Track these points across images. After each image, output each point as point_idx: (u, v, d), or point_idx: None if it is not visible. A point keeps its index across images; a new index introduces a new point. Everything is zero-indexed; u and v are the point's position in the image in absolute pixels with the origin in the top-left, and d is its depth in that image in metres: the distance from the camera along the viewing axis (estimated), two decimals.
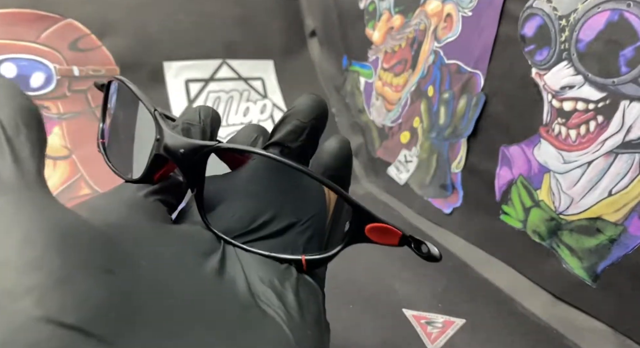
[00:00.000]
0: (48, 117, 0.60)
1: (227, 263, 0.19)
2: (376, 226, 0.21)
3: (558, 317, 0.38)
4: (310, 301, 0.19)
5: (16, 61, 0.59)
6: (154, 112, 0.21)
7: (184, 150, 0.20)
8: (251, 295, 0.18)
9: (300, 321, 0.18)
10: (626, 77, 0.32)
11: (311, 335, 0.18)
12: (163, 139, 0.20)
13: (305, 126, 0.22)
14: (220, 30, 0.74)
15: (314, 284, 0.20)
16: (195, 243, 0.19)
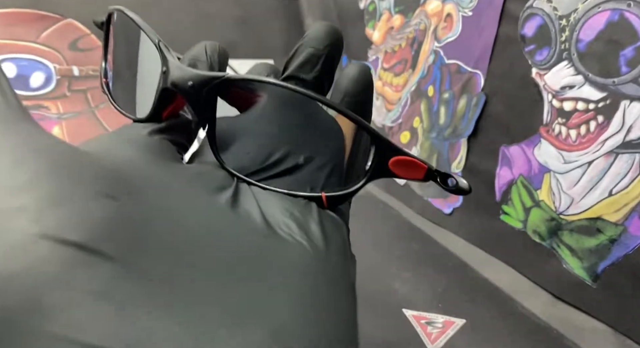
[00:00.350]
0: (48, 117, 0.60)
1: (241, 198, 0.17)
2: (400, 159, 0.19)
3: (558, 317, 0.38)
4: (335, 233, 0.18)
5: (16, 60, 0.59)
6: (158, 43, 0.20)
7: (192, 82, 0.18)
8: (269, 226, 0.16)
9: (324, 249, 0.16)
10: (626, 77, 0.32)
11: (336, 263, 0.16)
12: (169, 72, 0.19)
13: (320, 54, 0.20)
14: (220, 30, 0.74)
15: (337, 218, 0.19)
16: (206, 180, 0.17)
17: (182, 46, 0.24)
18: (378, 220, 0.55)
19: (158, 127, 0.20)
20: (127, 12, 0.22)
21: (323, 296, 0.15)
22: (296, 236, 0.16)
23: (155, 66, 0.20)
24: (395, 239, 0.51)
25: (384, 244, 0.49)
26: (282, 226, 0.17)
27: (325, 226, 0.17)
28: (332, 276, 0.16)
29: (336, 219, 0.19)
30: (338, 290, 0.16)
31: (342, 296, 0.16)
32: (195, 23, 0.72)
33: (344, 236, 0.18)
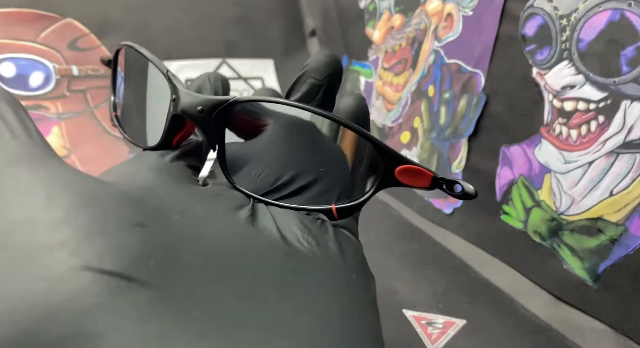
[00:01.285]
0: (47, 117, 0.60)
1: (260, 217, 0.18)
2: (406, 167, 0.20)
3: (559, 318, 0.38)
4: (351, 250, 0.18)
5: (15, 60, 0.59)
6: (166, 72, 0.21)
7: (201, 107, 0.19)
8: (288, 243, 0.17)
9: (343, 266, 0.17)
10: (627, 77, 0.32)
11: (357, 280, 0.17)
12: (179, 99, 0.20)
13: (322, 84, 0.22)
14: (220, 30, 0.74)
15: (352, 237, 0.20)
16: (224, 200, 0.18)
17: (182, 45, 0.24)
18: (378, 220, 0.55)
19: (175, 154, 0.21)
20: (136, 47, 0.23)
21: (349, 313, 0.15)
22: (316, 251, 0.17)
23: (163, 95, 0.21)
24: (396, 239, 0.51)
25: (384, 244, 0.49)
26: (303, 242, 0.17)
27: (341, 244, 0.18)
28: (355, 292, 0.16)
29: (351, 238, 0.19)
30: (362, 307, 0.16)
31: (366, 313, 0.16)
32: (195, 23, 0.72)
33: (361, 254, 0.19)
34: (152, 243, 0.14)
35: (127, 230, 0.14)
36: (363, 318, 0.16)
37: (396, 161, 0.20)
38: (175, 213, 0.16)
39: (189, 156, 0.21)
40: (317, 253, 0.17)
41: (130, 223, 0.14)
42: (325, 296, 0.15)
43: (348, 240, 0.19)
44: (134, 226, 0.14)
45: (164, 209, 0.16)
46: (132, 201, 0.15)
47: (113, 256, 0.12)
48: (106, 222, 0.13)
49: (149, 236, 0.14)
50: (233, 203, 0.18)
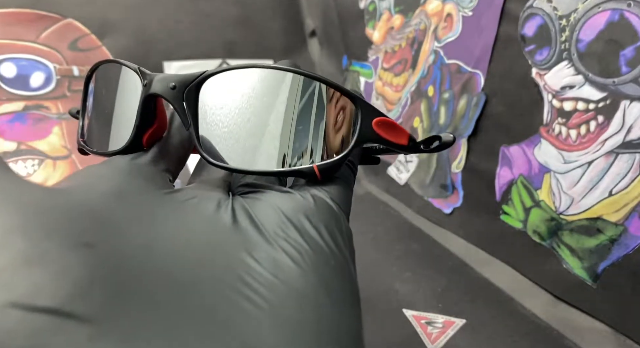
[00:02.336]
0: (48, 117, 0.60)
1: (237, 216, 0.17)
2: (383, 120, 0.20)
3: (558, 317, 0.38)
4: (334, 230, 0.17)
5: (16, 60, 0.59)
6: (138, 68, 0.21)
7: (174, 84, 0.19)
8: (266, 241, 0.16)
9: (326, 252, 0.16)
10: (627, 77, 0.32)
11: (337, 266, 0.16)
12: (151, 83, 0.20)
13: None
14: (220, 30, 0.74)
15: (334, 208, 0.18)
16: (198, 203, 0.17)
17: (182, 46, 0.24)
18: (378, 220, 0.55)
19: (147, 156, 0.20)
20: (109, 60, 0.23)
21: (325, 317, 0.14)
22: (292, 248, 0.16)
23: (135, 96, 0.21)
24: (395, 239, 0.51)
25: (384, 244, 0.49)
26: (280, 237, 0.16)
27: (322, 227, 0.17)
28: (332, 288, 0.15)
29: (334, 211, 0.18)
30: (340, 305, 0.15)
31: (344, 312, 0.15)
32: (195, 23, 0.72)
33: (341, 228, 0.18)
34: (100, 265, 0.12)
35: (72, 253, 0.12)
36: (340, 319, 0.15)
37: (373, 113, 0.20)
38: (137, 224, 0.15)
39: (164, 160, 0.20)
40: (296, 247, 0.16)
41: (77, 243, 0.12)
42: (297, 304, 0.14)
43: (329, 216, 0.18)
44: (80, 246, 0.12)
45: (125, 219, 0.15)
46: (85, 215, 0.14)
47: (50, 288, 0.11)
48: (48, 245, 0.12)
49: (97, 258, 0.12)
50: (209, 206, 0.17)
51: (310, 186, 0.19)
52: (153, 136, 0.21)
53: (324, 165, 0.19)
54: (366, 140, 0.20)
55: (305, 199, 0.18)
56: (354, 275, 0.17)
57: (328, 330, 0.14)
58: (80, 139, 0.23)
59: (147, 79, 0.20)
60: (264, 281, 0.14)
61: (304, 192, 0.18)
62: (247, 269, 0.15)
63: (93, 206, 0.14)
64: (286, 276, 0.15)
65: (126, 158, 0.20)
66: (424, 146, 0.22)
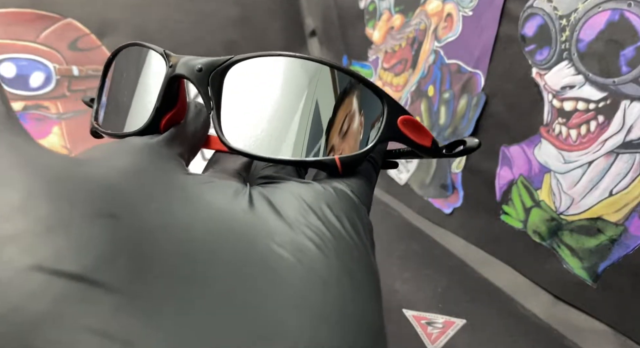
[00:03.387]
0: (47, 117, 0.60)
1: (255, 202, 0.16)
2: (408, 118, 0.20)
3: (558, 317, 0.38)
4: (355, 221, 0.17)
5: (16, 60, 0.59)
6: (164, 51, 0.20)
7: (200, 66, 0.19)
8: (290, 227, 0.15)
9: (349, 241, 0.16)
10: (627, 77, 0.32)
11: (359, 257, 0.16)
12: (177, 63, 0.19)
13: None
14: (219, 30, 0.74)
15: (355, 199, 0.18)
16: (215, 187, 0.17)
17: (182, 46, 0.24)
18: (378, 220, 0.55)
19: (164, 137, 0.20)
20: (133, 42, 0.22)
21: (347, 306, 0.14)
22: (317, 232, 0.15)
23: (157, 79, 0.20)
24: (396, 239, 0.51)
25: (384, 244, 0.49)
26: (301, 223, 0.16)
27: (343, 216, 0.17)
28: (355, 276, 0.15)
29: (355, 203, 0.18)
30: (363, 294, 0.15)
31: (366, 302, 0.15)
32: (195, 23, 0.72)
33: (362, 220, 0.17)
34: (124, 237, 0.12)
35: (95, 222, 0.12)
36: (364, 308, 0.14)
37: (399, 111, 0.20)
38: (156, 201, 0.14)
39: (179, 144, 0.20)
40: (318, 233, 0.15)
41: (100, 213, 0.12)
42: (320, 288, 0.14)
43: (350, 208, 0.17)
44: (104, 217, 0.12)
45: (144, 195, 0.14)
46: (106, 186, 0.13)
47: (74, 255, 0.11)
48: (72, 212, 0.12)
49: (120, 229, 0.12)
50: (226, 190, 0.17)
51: (331, 178, 0.19)
52: (171, 120, 0.21)
53: (346, 158, 0.19)
54: (390, 137, 0.20)
55: (326, 190, 0.17)
56: (376, 267, 0.17)
57: (352, 316, 0.14)
58: (94, 122, 0.23)
59: (172, 61, 0.20)
60: (286, 265, 0.14)
61: (324, 183, 0.18)
62: (268, 251, 0.14)
63: (113, 181, 0.14)
64: (309, 260, 0.14)
65: (143, 138, 0.19)
66: (446, 151, 0.22)
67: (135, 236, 0.12)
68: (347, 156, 0.19)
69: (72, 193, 0.12)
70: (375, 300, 0.15)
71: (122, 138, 0.21)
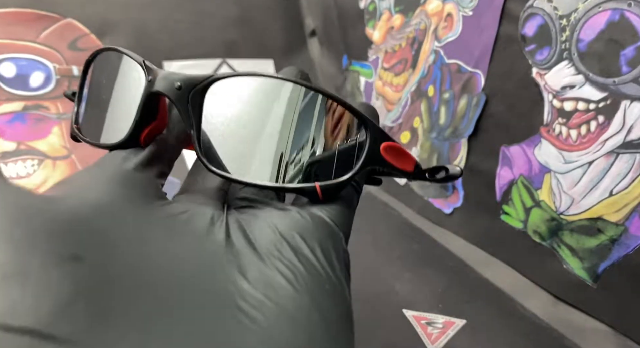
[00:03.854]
0: (47, 117, 0.60)
1: (231, 234, 0.16)
2: (391, 144, 0.20)
3: (559, 318, 0.38)
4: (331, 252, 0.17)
5: (15, 60, 0.59)
6: (143, 61, 0.20)
7: (180, 84, 0.18)
8: (260, 260, 0.15)
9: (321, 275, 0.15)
10: (627, 77, 0.32)
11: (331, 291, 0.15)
12: (156, 79, 0.19)
13: None
14: (220, 30, 0.74)
15: (333, 227, 0.18)
16: (190, 218, 0.16)
17: (182, 46, 0.23)
18: (378, 220, 0.55)
19: (141, 159, 0.19)
20: (115, 48, 0.22)
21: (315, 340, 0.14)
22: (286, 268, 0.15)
23: (137, 89, 0.20)
24: (396, 239, 0.51)
25: (384, 244, 0.49)
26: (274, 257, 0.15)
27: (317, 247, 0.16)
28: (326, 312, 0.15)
29: (333, 232, 0.18)
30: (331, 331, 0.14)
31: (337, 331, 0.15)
32: (194, 23, 0.72)
33: (338, 249, 0.17)
34: (87, 281, 0.12)
35: (57, 267, 0.11)
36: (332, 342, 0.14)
37: (382, 137, 0.19)
38: (125, 240, 0.14)
39: (158, 163, 0.20)
40: (290, 267, 0.15)
41: (62, 256, 0.12)
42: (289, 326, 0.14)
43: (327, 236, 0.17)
44: (67, 260, 0.12)
45: (114, 233, 0.14)
46: (74, 226, 0.13)
47: (29, 307, 0.10)
48: (32, 258, 0.11)
49: (84, 272, 0.12)
50: (202, 222, 0.16)
51: (311, 204, 0.19)
52: (151, 133, 0.20)
53: (326, 185, 0.19)
54: (372, 164, 0.20)
55: (303, 218, 0.17)
56: (349, 300, 0.16)
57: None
58: (74, 125, 0.22)
59: (152, 74, 0.19)
60: (254, 302, 0.14)
61: (303, 210, 0.18)
62: (238, 289, 0.14)
63: (82, 218, 0.14)
64: (278, 296, 0.14)
65: (118, 161, 0.19)
66: (429, 175, 0.21)
67: (100, 278, 0.12)
68: (328, 183, 0.19)
69: (35, 235, 0.12)
70: (346, 332, 0.15)
71: (100, 147, 0.20)
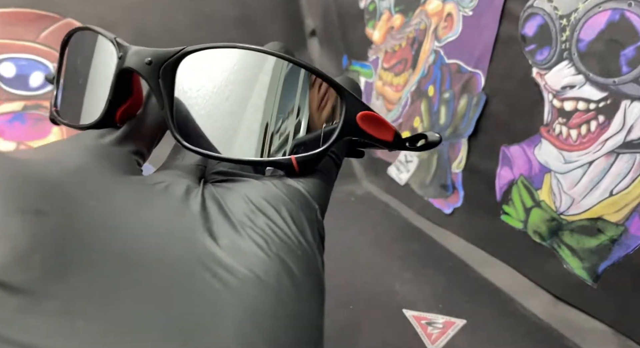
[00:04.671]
0: (47, 118, 0.60)
1: (207, 203, 0.16)
2: (368, 114, 0.19)
3: (558, 318, 0.38)
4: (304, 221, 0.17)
5: (15, 60, 0.59)
6: (114, 38, 0.19)
7: (150, 59, 0.18)
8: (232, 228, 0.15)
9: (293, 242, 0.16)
10: (627, 77, 0.32)
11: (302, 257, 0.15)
12: (126, 55, 0.19)
13: None
14: (219, 30, 0.74)
15: (308, 198, 0.18)
16: (166, 189, 0.16)
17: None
18: (378, 221, 0.55)
19: (116, 135, 0.19)
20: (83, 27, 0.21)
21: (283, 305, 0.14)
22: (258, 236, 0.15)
23: (110, 68, 0.19)
24: (396, 239, 0.51)
25: (384, 244, 0.49)
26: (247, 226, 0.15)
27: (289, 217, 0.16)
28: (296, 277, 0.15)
29: (307, 202, 0.17)
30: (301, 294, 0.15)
31: (306, 300, 0.15)
32: (194, 23, 0.72)
33: (311, 220, 0.17)
34: (46, 234, 0.12)
35: (16, 217, 0.12)
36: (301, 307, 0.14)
37: (358, 106, 0.19)
38: (95, 200, 0.14)
39: (134, 140, 0.19)
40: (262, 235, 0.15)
41: (24, 209, 0.12)
42: (257, 287, 0.14)
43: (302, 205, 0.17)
44: (27, 213, 0.12)
45: (82, 194, 0.14)
46: (42, 184, 0.13)
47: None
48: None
49: (44, 225, 0.12)
50: (177, 192, 0.16)
51: (287, 177, 0.18)
52: (127, 112, 0.20)
53: (302, 158, 0.18)
54: (349, 134, 0.19)
55: (278, 188, 0.17)
56: (321, 268, 0.16)
57: (286, 316, 0.14)
58: (53, 108, 0.22)
59: (122, 51, 0.19)
60: (224, 266, 0.14)
61: (278, 182, 0.18)
62: (209, 254, 0.14)
63: (51, 179, 0.14)
64: (249, 262, 0.14)
65: (93, 135, 0.19)
66: (409, 144, 0.21)
67: (63, 232, 0.12)
68: (303, 155, 0.19)
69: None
70: (315, 299, 0.15)
71: (77, 129, 0.20)
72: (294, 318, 0.14)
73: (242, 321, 0.13)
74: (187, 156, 0.20)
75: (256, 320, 0.13)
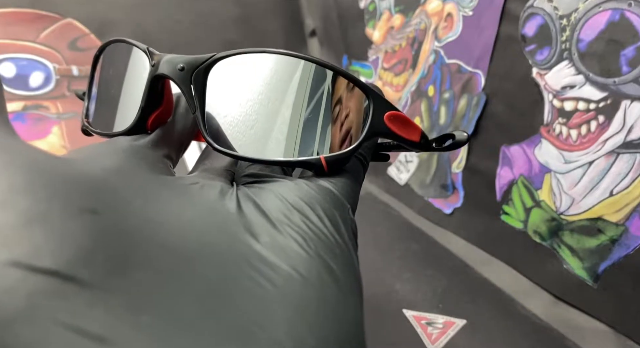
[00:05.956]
0: (47, 117, 0.60)
1: (242, 203, 0.17)
2: (395, 114, 0.20)
3: (559, 318, 0.38)
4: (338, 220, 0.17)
5: (15, 60, 0.59)
6: (147, 48, 0.20)
7: (182, 65, 0.19)
8: (271, 225, 0.16)
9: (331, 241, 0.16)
10: (627, 77, 0.32)
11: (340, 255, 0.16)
12: (159, 63, 0.19)
13: None
14: (219, 30, 0.74)
15: (340, 197, 0.18)
16: (202, 188, 0.17)
17: (182, 46, 0.23)
18: (378, 221, 0.55)
19: (150, 138, 0.20)
20: (117, 39, 0.22)
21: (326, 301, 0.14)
22: (296, 233, 0.16)
23: (141, 83, 0.20)
24: (396, 239, 0.51)
25: (384, 244, 0.49)
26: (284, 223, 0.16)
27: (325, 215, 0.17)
28: (336, 274, 0.15)
29: (339, 202, 0.18)
30: (342, 291, 0.15)
31: (347, 296, 0.15)
32: (194, 23, 0.72)
33: (345, 218, 0.18)
34: (104, 233, 0.12)
35: (75, 218, 0.12)
36: (343, 303, 0.15)
37: (385, 106, 0.19)
38: (140, 198, 0.14)
39: (166, 145, 0.20)
40: (300, 232, 0.16)
41: (81, 208, 0.12)
42: (301, 285, 0.14)
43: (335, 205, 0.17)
44: (85, 212, 0.12)
45: (127, 193, 0.14)
46: (89, 183, 0.13)
47: (51, 250, 0.11)
48: (52, 206, 0.12)
49: (101, 224, 0.12)
50: (213, 191, 0.17)
51: (317, 177, 0.19)
52: (158, 119, 0.21)
53: (331, 157, 0.19)
54: (377, 134, 0.20)
55: (310, 188, 0.18)
56: (357, 266, 0.17)
57: (331, 312, 0.14)
58: (85, 120, 0.23)
59: (155, 59, 0.20)
60: (268, 263, 0.14)
61: (309, 182, 0.18)
62: (251, 251, 0.15)
63: (96, 178, 0.14)
64: (290, 259, 0.15)
65: (127, 139, 0.19)
66: (436, 144, 0.21)
67: (116, 231, 0.13)
68: (332, 155, 0.19)
69: (54, 188, 0.12)
70: (357, 295, 0.16)
71: (110, 137, 0.21)
72: (337, 315, 0.14)
73: (292, 319, 0.13)
74: (216, 160, 0.20)
75: (304, 317, 0.13)
